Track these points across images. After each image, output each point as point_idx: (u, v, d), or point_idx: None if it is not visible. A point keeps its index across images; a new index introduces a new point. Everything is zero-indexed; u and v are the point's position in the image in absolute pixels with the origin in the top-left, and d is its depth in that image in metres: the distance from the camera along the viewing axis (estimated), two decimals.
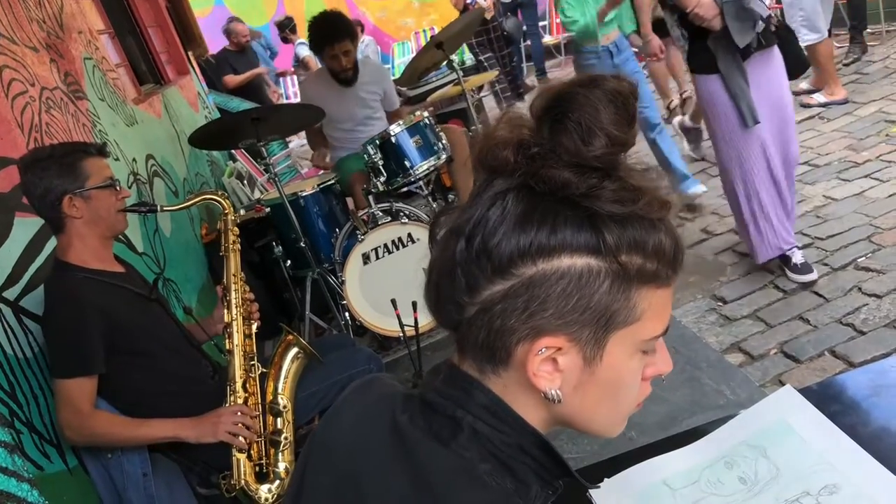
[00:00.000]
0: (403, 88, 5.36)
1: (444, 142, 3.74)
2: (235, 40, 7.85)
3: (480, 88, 8.72)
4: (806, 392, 1.13)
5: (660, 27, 5.84)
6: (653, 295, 0.72)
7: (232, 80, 7.63)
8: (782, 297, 3.15)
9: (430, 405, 0.80)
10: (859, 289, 2.99)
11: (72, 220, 2.08)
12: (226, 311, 2.33)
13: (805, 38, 5.13)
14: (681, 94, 6.07)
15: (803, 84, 5.48)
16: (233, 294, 2.34)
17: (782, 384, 2.64)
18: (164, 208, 2.44)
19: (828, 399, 1.12)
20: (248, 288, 2.39)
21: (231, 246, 2.43)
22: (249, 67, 7.94)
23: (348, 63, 4.05)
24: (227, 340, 2.29)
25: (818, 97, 5.30)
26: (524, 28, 9.16)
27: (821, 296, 3.04)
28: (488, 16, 7.01)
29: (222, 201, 2.49)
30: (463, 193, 4.14)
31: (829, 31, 5.23)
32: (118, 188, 2.17)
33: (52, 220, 2.10)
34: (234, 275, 2.38)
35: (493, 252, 0.69)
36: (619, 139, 0.68)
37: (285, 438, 2.19)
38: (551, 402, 0.74)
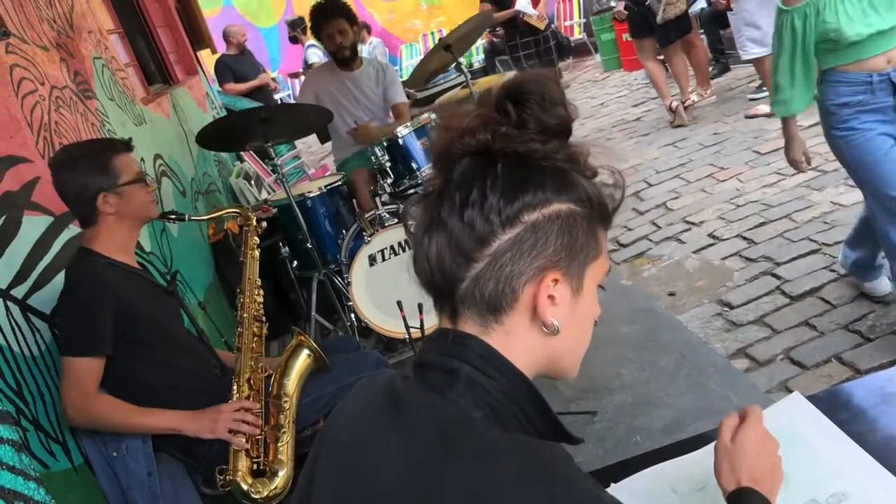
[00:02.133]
0: (412, 90, 5.36)
1: None
2: (234, 41, 7.80)
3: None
4: (814, 399, 1.12)
5: (670, 28, 6.00)
6: (603, 236, 0.89)
7: (232, 88, 7.57)
8: (789, 302, 3.14)
9: (426, 365, 0.88)
10: (866, 295, 2.98)
11: (104, 216, 2.14)
12: (238, 311, 2.37)
13: (751, 52, 5.32)
14: (682, 102, 6.13)
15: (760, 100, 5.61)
16: (246, 296, 2.39)
17: (788, 390, 2.65)
18: (192, 218, 2.52)
19: (836, 406, 1.12)
20: (261, 293, 2.45)
21: (250, 253, 2.51)
22: (250, 70, 7.88)
23: (345, 42, 4.14)
24: (236, 338, 2.31)
25: (763, 107, 5.40)
26: None
27: (827, 302, 3.03)
28: (541, 25, 6.67)
29: (245, 213, 2.58)
30: None
31: None
32: (147, 182, 2.23)
33: (85, 216, 2.16)
34: (249, 278, 2.44)
35: (501, 208, 0.81)
36: (571, 110, 0.86)
37: (285, 433, 2.20)
38: (550, 335, 0.86)
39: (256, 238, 2.54)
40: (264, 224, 2.71)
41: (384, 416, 0.87)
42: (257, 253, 2.52)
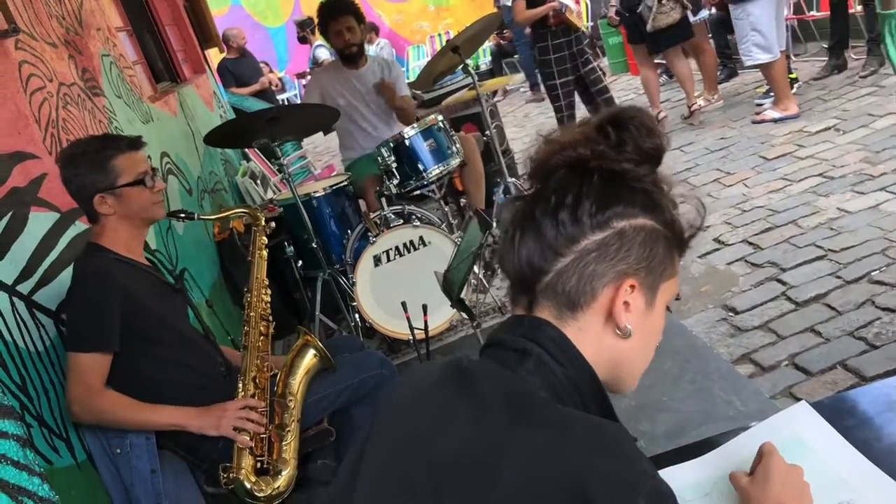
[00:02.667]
0: (418, 91, 5.36)
1: (457, 146, 3.75)
2: (234, 45, 7.77)
3: (495, 93, 8.75)
4: (819, 406, 1.12)
5: (661, 36, 6.00)
6: (677, 261, 0.97)
7: (235, 92, 7.54)
8: (794, 308, 3.13)
9: (498, 344, 0.94)
10: (872, 302, 2.97)
11: (105, 216, 2.14)
12: (245, 309, 2.37)
13: (757, 58, 5.32)
14: (689, 106, 6.21)
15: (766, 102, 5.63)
16: (253, 294, 2.39)
17: (793, 396, 2.65)
18: (201, 217, 2.54)
19: (841, 413, 1.12)
20: (268, 292, 2.44)
21: (258, 252, 2.51)
22: (251, 72, 7.87)
23: (352, 39, 4.15)
24: (243, 337, 2.31)
25: (771, 112, 5.42)
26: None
27: (833, 308, 3.02)
28: (580, 25, 5.89)
29: (255, 214, 2.59)
30: (474, 198, 4.14)
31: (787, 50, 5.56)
32: (152, 181, 2.20)
33: (89, 213, 2.17)
34: (256, 278, 2.44)
35: (593, 213, 0.89)
36: (664, 140, 0.94)
37: (288, 433, 2.20)
38: (621, 338, 0.92)
39: (265, 238, 2.54)
40: (273, 224, 2.71)
41: (449, 387, 0.92)
42: (265, 253, 2.52)
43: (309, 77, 9.70)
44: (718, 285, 3.51)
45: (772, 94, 5.66)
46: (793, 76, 5.89)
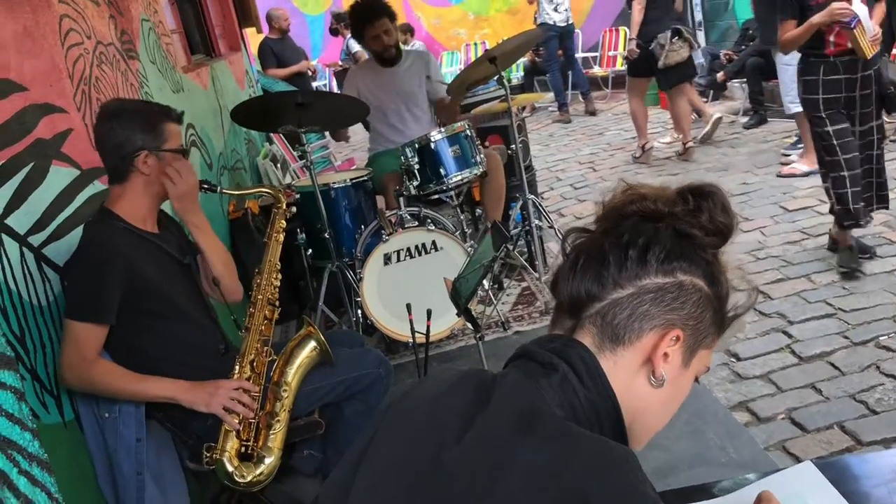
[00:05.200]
0: (448, 97, 5.35)
1: (481, 156, 3.74)
2: (277, 26, 7.79)
3: (524, 108, 8.74)
4: (823, 466, 1.10)
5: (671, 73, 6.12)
6: (716, 337, 0.97)
7: (276, 73, 7.56)
8: (797, 363, 3.10)
9: (526, 354, 0.95)
10: (877, 367, 2.94)
11: (137, 176, 2.13)
12: (254, 291, 2.35)
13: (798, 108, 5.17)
14: (683, 143, 6.38)
15: (793, 156, 5.58)
16: (264, 276, 2.37)
17: (786, 451, 2.62)
18: (224, 191, 2.53)
19: (846, 477, 1.10)
20: (279, 277, 2.42)
21: (275, 235, 2.49)
22: (292, 54, 7.88)
23: (389, 41, 4.12)
24: (247, 318, 2.29)
25: (799, 166, 5.36)
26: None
27: (837, 368, 3.00)
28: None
29: (278, 195, 2.55)
30: (490, 210, 4.13)
31: None
32: (187, 156, 2.24)
33: (118, 170, 2.15)
34: (269, 261, 2.42)
35: (661, 258, 0.91)
36: (736, 222, 0.99)
37: (278, 422, 2.19)
38: (652, 386, 0.93)
39: (284, 222, 2.52)
40: (294, 209, 2.69)
41: (465, 396, 0.93)
42: (282, 237, 2.49)
43: (339, 68, 9.74)
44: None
45: (800, 145, 5.65)
46: None
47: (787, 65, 5.25)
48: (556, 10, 8.61)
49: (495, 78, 4.02)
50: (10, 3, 2.15)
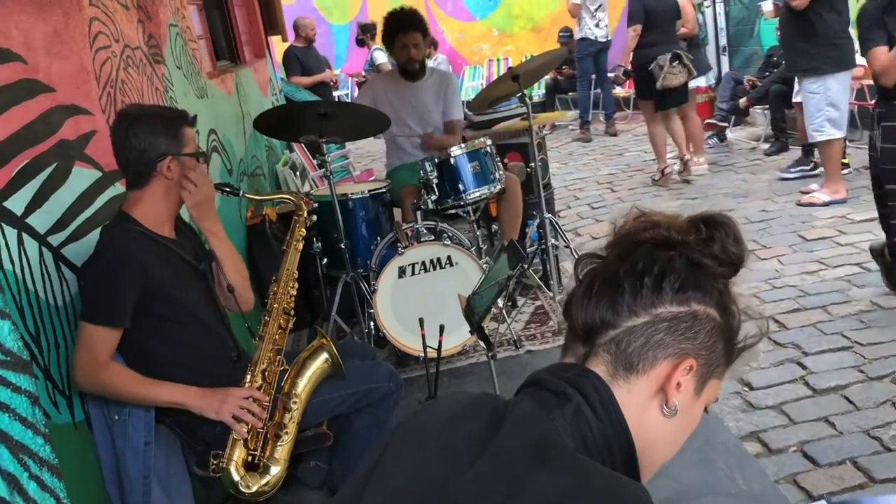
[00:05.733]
0: (470, 113, 5.37)
1: (500, 172, 3.74)
2: (303, 34, 7.83)
3: (543, 126, 8.74)
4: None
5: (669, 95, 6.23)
6: (726, 367, 0.98)
7: (300, 81, 7.59)
8: (811, 395, 3.07)
9: (539, 383, 0.95)
10: (893, 403, 2.90)
11: (159, 181, 2.14)
12: (270, 299, 2.36)
13: (829, 133, 5.23)
14: (681, 159, 6.51)
15: (813, 185, 5.57)
16: (280, 285, 2.37)
17: (797, 484, 2.59)
18: (246, 195, 2.52)
19: None
20: (296, 286, 2.43)
21: (294, 244, 2.49)
22: (316, 63, 7.92)
23: (417, 55, 4.13)
24: (261, 326, 2.29)
25: (820, 196, 5.34)
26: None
27: (851, 402, 2.96)
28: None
29: (300, 203, 2.56)
30: (507, 227, 4.12)
31: None
32: (202, 159, 2.25)
33: (138, 175, 2.15)
34: (287, 269, 2.42)
35: (676, 287, 0.91)
36: (747, 253, 0.97)
37: (286, 434, 2.18)
38: (665, 415, 0.93)
39: (304, 230, 2.52)
40: (314, 217, 2.69)
41: (479, 421, 0.92)
42: (301, 245, 2.49)
43: (361, 79, 9.79)
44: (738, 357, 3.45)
45: (796, 169, 5.91)
46: (845, 161, 5.84)
47: (813, 93, 5.25)
48: (597, 25, 8.61)
49: (518, 96, 4.02)
50: (42, 5, 2.18)
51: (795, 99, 6.05)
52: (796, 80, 5.88)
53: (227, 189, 2.44)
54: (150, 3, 3.25)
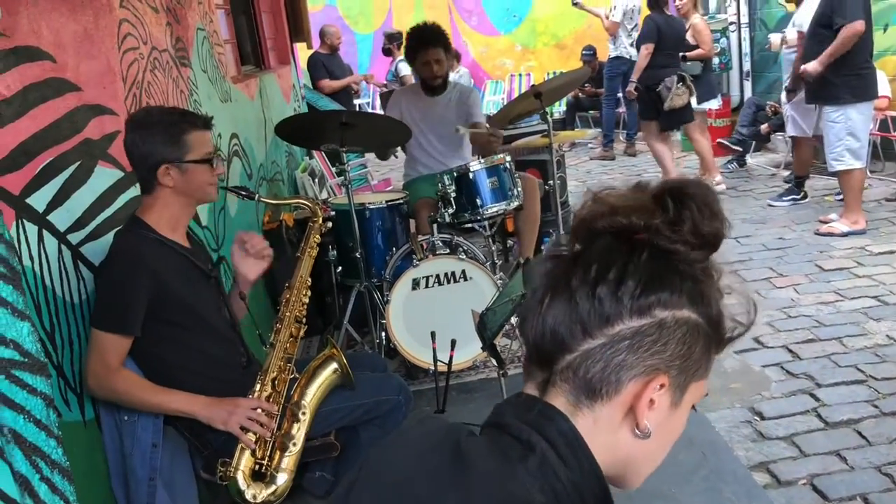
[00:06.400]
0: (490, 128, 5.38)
1: (518, 189, 3.74)
2: (329, 42, 7.88)
3: (562, 145, 8.74)
4: None
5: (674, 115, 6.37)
6: (713, 359, 0.87)
7: (328, 84, 7.62)
8: (823, 427, 3.03)
9: (501, 427, 0.84)
10: None
11: (163, 188, 2.12)
12: (282, 307, 2.36)
13: (849, 164, 5.22)
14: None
15: (833, 215, 5.53)
16: (293, 293, 2.37)
17: None
18: (262, 199, 2.52)
19: None
20: (308, 294, 2.42)
21: (308, 250, 2.49)
22: (342, 70, 7.98)
23: (439, 71, 4.15)
24: (272, 334, 2.29)
25: (839, 226, 5.31)
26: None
27: (864, 437, 2.92)
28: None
29: (316, 209, 2.55)
30: (525, 243, 4.12)
31: None
32: (216, 164, 2.20)
33: (145, 182, 2.15)
34: (300, 276, 2.42)
35: (636, 295, 0.80)
36: (726, 226, 0.84)
37: (294, 444, 2.18)
38: (637, 438, 0.83)
39: (319, 237, 2.51)
40: (329, 224, 2.68)
41: (443, 469, 0.83)
42: (315, 252, 2.49)
43: (384, 89, 9.81)
44: (749, 386, 3.42)
45: (787, 197, 6.10)
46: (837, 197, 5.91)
47: (834, 122, 5.22)
48: (633, 44, 8.63)
49: (540, 113, 4.02)
50: (73, 6, 2.20)
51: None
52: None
53: (243, 193, 2.44)
54: (178, 7, 3.28)
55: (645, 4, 7.04)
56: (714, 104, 7.07)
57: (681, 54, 6.72)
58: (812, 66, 5.03)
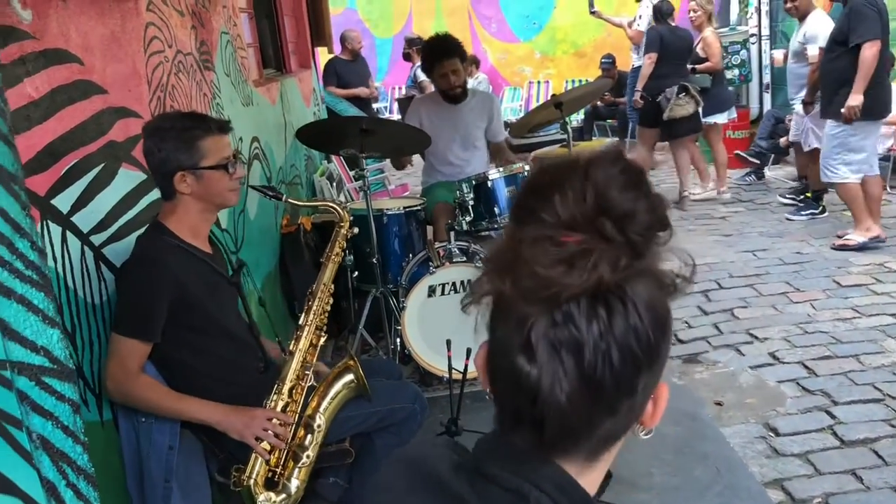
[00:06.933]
0: (508, 136, 5.39)
1: None
2: (349, 46, 7.90)
3: None
4: None
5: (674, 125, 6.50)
6: None
7: (334, 92, 7.62)
8: (839, 446, 3.01)
9: (488, 477, 0.77)
10: None
11: (180, 194, 2.13)
12: (304, 314, 2.35)
13: (841, 176, 5.25)
14: (680, 192, 6.92)
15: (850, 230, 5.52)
16: (316, 301, 2.37)
17: None
18: (289, 200, 2.49)
19: None
20: (331, 301, 2.41)
21: (333, 256, 2.47)
22: (358, 78, 7.92)
23: (457, 81, 4.16)
24: (292, 342, 2.29)
25: (854, 237, 5.31)
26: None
27: (881, 457, 2.90)
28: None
29: (343, 213, 2.52)
30: None
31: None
32: (233, 169, 2.18)
33: (164, 188, 2.16)
34: (324, 283, 2.41)
35: (649, 351, 0.73)
36: (663, 202, 0.78)
37: (307, 457, 2.17)
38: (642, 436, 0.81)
39: (344, 243, 2.50)
40: (356, 230, 2.66)
41: None
42: (340, 258, 2.47)
43: (402, 94, 9.84)
44: (764, 401, 3.41)
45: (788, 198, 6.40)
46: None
47: (833, 135, 5.28)
48: None
49: (560, 123, 4.02)
50: (102, 9, 2.23)
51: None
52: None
53: (270, 193, 2.43)
54: (203, 11, 3.30)
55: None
56: (721, 118, 7.05)
57: (689, 66, 6.80)
58: (853, 99, 4.97)
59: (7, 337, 1.11)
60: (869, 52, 4.89)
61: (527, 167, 3.75)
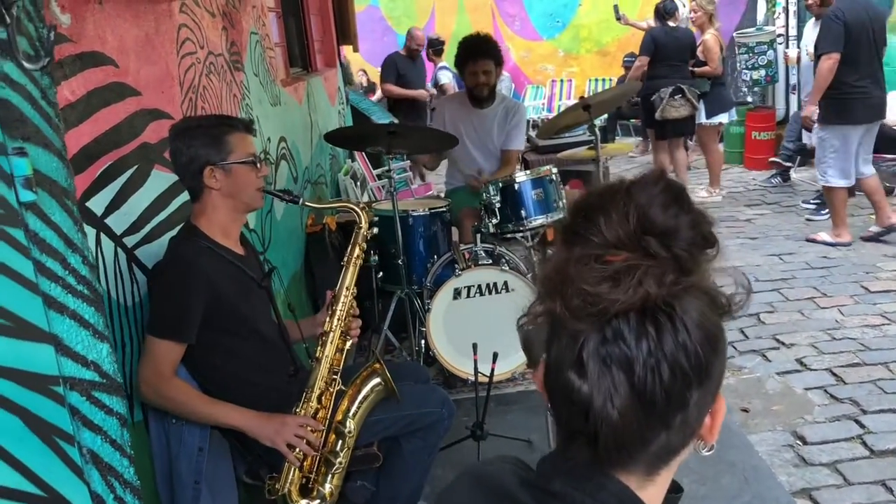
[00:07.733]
0: (536, 138, 5.38)
1: (563, 201, 3.71)
2: (408, 45, 7.79)
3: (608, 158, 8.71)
4: None
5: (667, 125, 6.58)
6: None
7: (391, 90, 7.54)
8: (868, 455, 2.98)
9: (552, 494, 0.80)
10: None
11: (209, 191, 2.14)
12: (328, 319, 2.34)
13: (829, 181, 5.45)
14: None
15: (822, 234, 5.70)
16: (339, 305, 2.36)
17: None
18: (306, 203, 2.49)
19: None
20: (356, 304, 2.40)
21: (354, 259, 2.44)
22: (416, 76, 7.79)
23: (487, 82, 4.14)
24: (319, 348, 2.29)
25: (824, 235, 5.63)
26: None
27: None
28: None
29: (362, 214, 2.50)
30: None
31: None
32: (258, 166, 2.20)
33: (192, 188, 2.17)
34: (346, 287, 2.39)
35: (700, 366, 0.73)
36: (710, 220, 0.84)
37: (340, 463, 2.18)
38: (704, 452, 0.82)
39: (364, 244, 2.49)
40: (375, 230, 2.64)
41: None
42: (360, 261, 2.45)
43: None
44: (791, 409, 3.37)
45: (813, 202, 6.40)
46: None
47: (821, 139, 5.46)
48: None
49: (587, 126, 4.00)
50: (137, 12, 2.24)
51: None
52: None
53: (286, 197, 2.43)
54: (234, 12, 3.31)
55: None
56: (725, 118, 7.10)
57: (690, 69, 6.84)
58: (806, 109, 5.54)
59: (60, 352, 1.12)
60: (825, 64, 5.17)
61: (554, 170, 3.73)
